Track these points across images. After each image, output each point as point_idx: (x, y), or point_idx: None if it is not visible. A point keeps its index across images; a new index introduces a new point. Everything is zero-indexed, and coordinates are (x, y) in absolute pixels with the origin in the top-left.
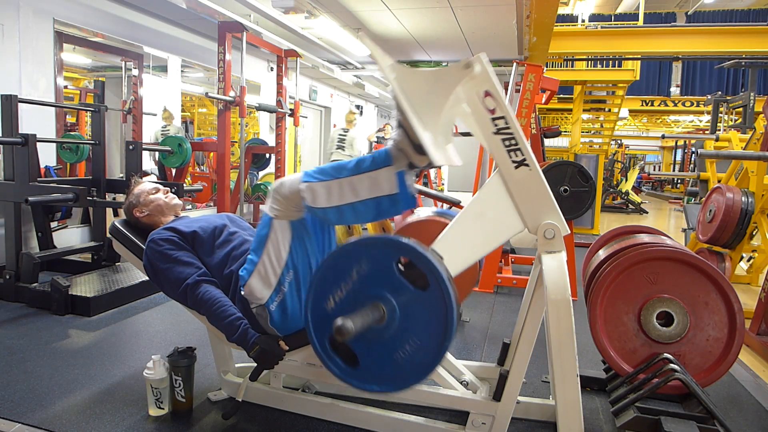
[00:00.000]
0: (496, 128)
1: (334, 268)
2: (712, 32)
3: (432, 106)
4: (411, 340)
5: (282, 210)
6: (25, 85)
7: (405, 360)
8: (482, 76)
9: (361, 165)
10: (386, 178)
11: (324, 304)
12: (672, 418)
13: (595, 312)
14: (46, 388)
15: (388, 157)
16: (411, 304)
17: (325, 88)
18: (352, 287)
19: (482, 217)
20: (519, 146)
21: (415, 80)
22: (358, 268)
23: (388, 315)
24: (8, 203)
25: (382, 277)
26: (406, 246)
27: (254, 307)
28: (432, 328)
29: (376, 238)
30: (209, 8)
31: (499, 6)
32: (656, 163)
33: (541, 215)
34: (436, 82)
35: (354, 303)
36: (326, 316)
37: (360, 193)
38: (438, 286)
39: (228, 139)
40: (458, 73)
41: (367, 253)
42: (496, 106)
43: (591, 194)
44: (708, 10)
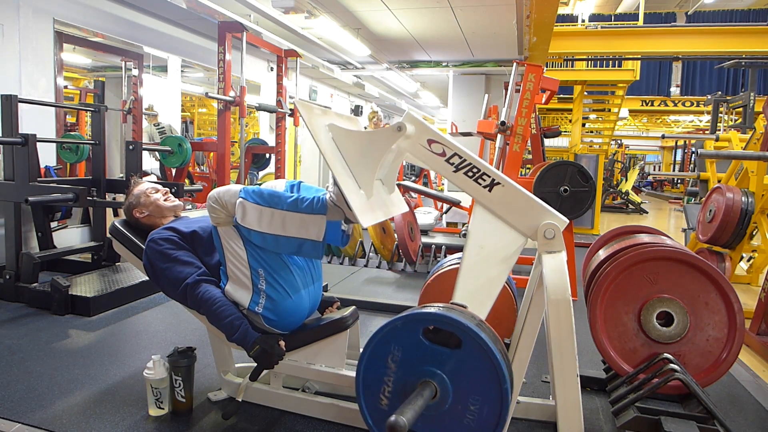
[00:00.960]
0: (454, 166)
1: (371, 366)
2: (712, 32)
3: (366, 166)
4: (472, 400)
5: (218, 217)
6: (25, 85)
7: (476, 421)
8: (417, 133)
9: (299, 204)
10: (316, 225)
11: (378, 405)
12: (672, 418)
13: (595, 312)
14: (46, 388)
15: (324, 207)
16: (455, 366)
17: (325, 88)
18: (395, 377)
19: (484, 249)
20: (482, 171)
21: (349, 141)
22: (392, 357)
23: (439, 386)
24: (8, 203)
25: (417, 353)
26: (423, 315)
27: (243, 310)
28: (485, 380)
29: (394, 323)
30: (209, 8)
31: (499, 6)
32: (656, 163)
33: (534, 219)
34: (370, 144)
35: (404, 390)
36: (386, 414)
37: (288, 229)
38: (470, 338)
39: (228, 139)
40: (391, 135)
41: (392, 340)
42: (443, 148)
43: (591, 194)
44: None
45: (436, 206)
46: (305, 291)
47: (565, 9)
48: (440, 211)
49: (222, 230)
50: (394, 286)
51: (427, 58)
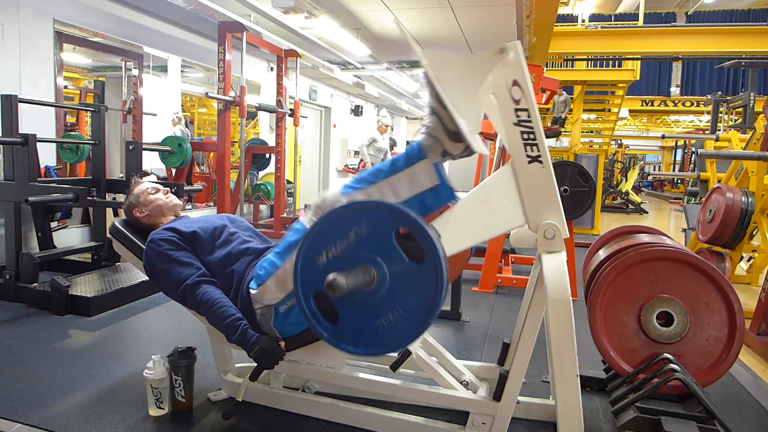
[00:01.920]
0: (518, 119)
1: (333, 224)
2: (712, 32)
3: (466, 92)
4: (395, 310)
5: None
6: (25, 85)
7: (385, 327)
8: (514, 63)
9: (397, 164)
10: (424, 172)
11: (316, 257)
12: (672, 418)
13: (595, 312)
14: (46, 388)
15: (421, 150)
16: (402, 275)
17: (325, 88)
18: (347, 247)
19: (486, 204)
20: (537, 141)
21: (448, 66)
22: (357, 229)
23: (378, 281)
24: (8, 203)
25: (379, 242)
26: (408, 217)
27: (259, 307)
28: (419, 302)
29: (380, 203)
30: (209, 8)
31: (499, 6)
32: (656, 163)
33: (544, 214)
34: (470, 68)
35: (346, 263)
36: (316, 269)
37: (401, 193)
38: (432, 262)
39: (228, 139)
40: (492, 58)
41: (368, 216)
42: (522, 98)
43: (591, 194)
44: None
45: None
46: None
47: (565, 9)
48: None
49: None
50: None
51: None
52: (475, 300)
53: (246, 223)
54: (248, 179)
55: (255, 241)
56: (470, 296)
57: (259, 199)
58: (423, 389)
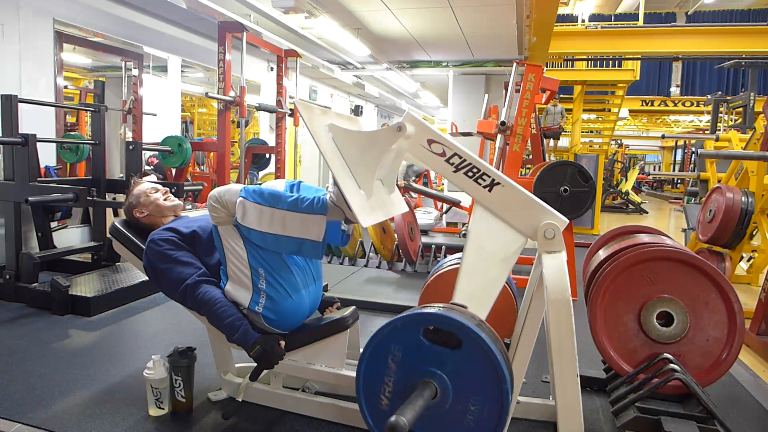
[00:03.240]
0: (454, 166)
1: (371, 367)
2: (712, 32)
3: (367, 166)
4: (472, 401)
5: (218, 216)
6: (25, 85)
7: (476, 421)
8: (417, 133)
9: (299, 204)
10: (316, 225)
11: (379, 405)
12: (672, 418)
13: (595, 312)
14: (46, 388)
15: (324, 208)
16: (455, 367)
17: (325, 88)
18: (395, 377)
19: (484, 249)
20: (482, 171)
21: (349, 141)
22: (392, 357)
23: (440, 387)
24: (8, 203)
25: (417, 354)
26: (424, 315)
27: (243, 310)
28: (485, 380)
29: (394, 323)
30: (209, 8)
31: (499, 6)
32: (656, 163)
33: (534, 219)
34: (370, 144)
35: (405, 390)
36: (386, 414)
37: (288, 230)
38: (470, 338)
39: (228, 139)
40: (391, 135)
41: (393, 340)
42: (443, 148)
43: (591, 194)
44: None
45: (436, 206)
46: (305, 291)
47: (565, 9)
48: (440, 211)
49: (222, 229)
50: (394, 286)
51: (427, 58)
52: None
53: None
54: (248, 179)
55: None
56: None
57: None
58: None
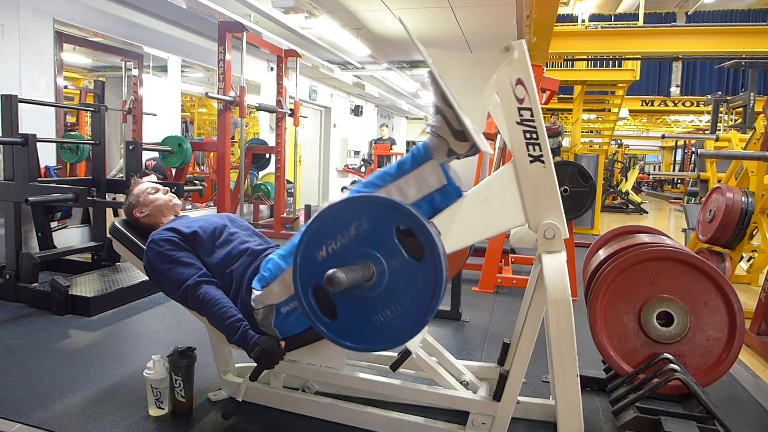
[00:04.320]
0: (521, 118)
1: (334, 218)
2: (712, 32)
3: (470, 91)
4: (393, 306)
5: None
6: (25, 85)
7: (383, 324)
8: (519, 62)
9: (403, 167)
10: (431, 172)
11: (316, 252)
12: (672, 418)
13: (595, 312)
14: (46, 388)
15: (427, 150)
16: (402, 272)
17: (325, 88)
18: (347, 242)
19: (487, 202)
20: (539, 141)
21: (452, 65)
22: (357, 225)
23: (377, 276)
24: (8, 203)
25: (380, 238)
26: (410, 213)
27: (261, 307)
28: (417, 299)
29: (382, 199)
30: (209, 8)
31: (499, 6)
32: (656, 163)
33: (545, 214)
34: (475, 67)
35: (345, 257)
36: (315, 264)
37: (409, 195)
38: (432, 260)
39: (228, 139)
40: (497, 56)
41: (370, 212)
42: (525, 97)
43: (591, 194)
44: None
45: None
46: None
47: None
48: None
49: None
50: None
51: None
52: (475, 300)
53: (246, 223)
54: (248, 179)
55: (255, 241)
56: (470, 296)
57: (259, 199)
58: (423, 389)
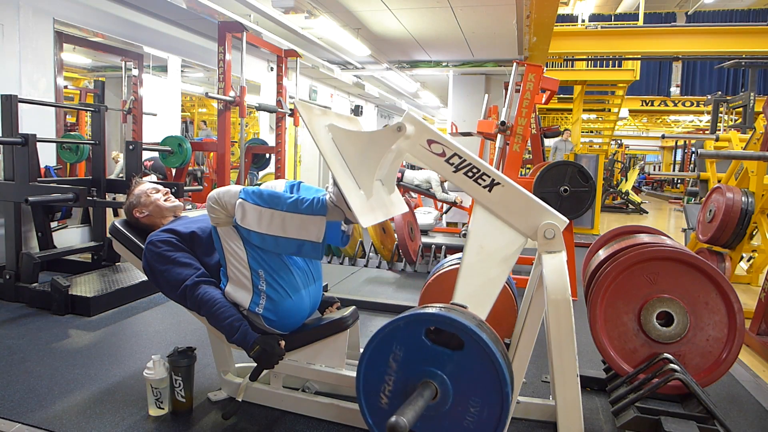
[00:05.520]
0: (454, 166)
1: (372, 366)
2: (712, 32)
3: (367, 166)
4: (472, 402)
5: (217, 217)
6: (25, 85)
7: (476, 422)
8: (417, 133)
9: (299, 205)
10: (316, 226)
11: (379, 404)
12: (672, 418)
13: (595, 312)
14: (46, 388)
15: (324, 208)
16: (456, 368)
17: (325, 88)
18: (396, 377)
19: (484, 249)
20: (482, 171)
21: (349, 141)
22: (393, 356)
23: (440, 388)
24: (8, 203)
25: (418, 354)
26: (425, 315)
27: (243, 311)
28: (485, 382)
29: (396, 322)
30: (209, 8)
31: (499, 6)
32: (656, 163)
33: (534, 219)
34: (370, 144)
35: (405, 390)
36: (386, 413)
37: (287, 231)
38: (471, 339)
39: (228, 139)
40: (391, 135)
41: (394, 339)
42: (443, 149)
43: (591, 194)
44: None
45: (436, 206)
46: (305, 291)
47: (565, 9)
48: (440, 211)
49: (222, 230)
50: (394, 286)
51: (427, 58)
52: None
53: None
54: (248, 179)
55: None
56: None
57: None
58: None
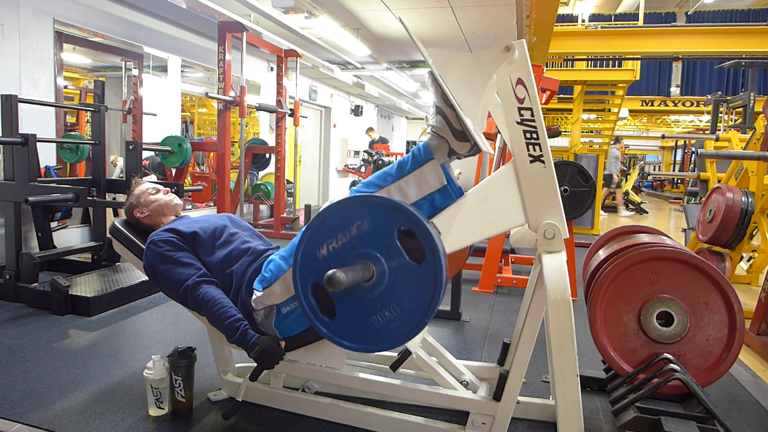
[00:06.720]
0: (522, 118)
1: (336, 217)
2: (712, 32)
3: (471, 91)
4: (392, 307)
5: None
6: (25, 85)
7: (382, 324)
8: (520, 62)
9: (404, 167)
10: (432, 173)
11: (316, 249)
12: (672, 418)
13: (595, 312)
14: (46, 388)
15: (428, 150)
16: (401, 273)
17: (325, 88)
18: (348, 241)
19: (486, 203)
20: (539, 141)
21: (453, 65)
22: (359, 224)
23: (377, 277)
24: (8, 203)
25: (381, 239)
26: (411, 214)
27: (262, 308)
28: (416, 301)
29: (384, 200)
30: (209, 8)
31: (499, 6)
32: (656, 163)
33: (545, 214)
34: (475, 67)
35: (346, 257)
36: (316, 261)
37: (410, 195)
38: (432, 262)
39: (228, 139)
40: (497, 56)
41: (372, 212)
42: (526, 96)
43: (591, 194)
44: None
45: None
46: None
47: (565, 9)
48: None
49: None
50: None
51: None
52: (475, 300)
53: (246, 223)
54: (248, 179)
55: (255, 241)
56: (470, 296)
57: (259, 199)
58: (423, 389)
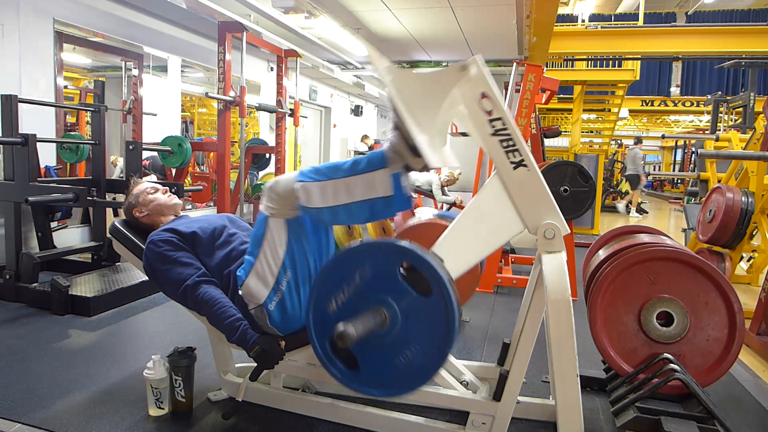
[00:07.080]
0: (494, 129)
1: (338, 270)
2: (712, 32)
3: (428, 108)
4: (412, 346)
5: (277, 208)
6: (25, 85)
7: (405, 365)
8: (478, 78)
9: (357, 166)
10: (381, 180)
11: (326, 306)
12: (672, 418)
13: (595, 312)
14: (46, 388)
15: (384, 159)
16: (413, 310)
17: (325, 88)
18: (354, 291)
19: (482, 219)
20: (517, 147)
21: (411, 82)
22: (361, 272)
23: (390, 320)
24: (8, 203)
25: (385, 281)
26: (409, 251)
27: (252, 308)
28: (433, 334)
29: (380, 243)
30: (209, 8)
31: (499, 6)
32: (656, 163)
33: (541, 215)
34: (432, 85)
35: (356, 306)
36: (328, 318)
37: (354, 195)
38: (440, 292)
39: (228, 139)
40: (454, 75)
41: (370, 257)
42: (492, 108)
43: (591, 194)
44: (708, 10)
45: (435, 206)
46: None
47: (565, 9)
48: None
49: (273, 222)
50: None
51: (427, 58)
52: (475, 300)
53: (246, 224)
54: (248, 179)
55: None
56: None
57: (259, 199)
58: (423, 389)
